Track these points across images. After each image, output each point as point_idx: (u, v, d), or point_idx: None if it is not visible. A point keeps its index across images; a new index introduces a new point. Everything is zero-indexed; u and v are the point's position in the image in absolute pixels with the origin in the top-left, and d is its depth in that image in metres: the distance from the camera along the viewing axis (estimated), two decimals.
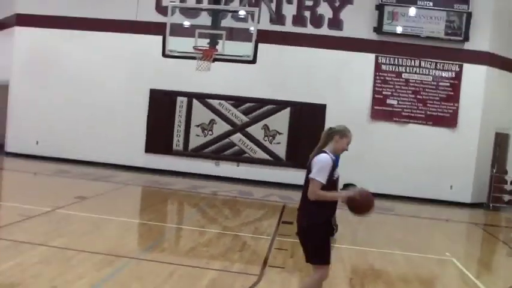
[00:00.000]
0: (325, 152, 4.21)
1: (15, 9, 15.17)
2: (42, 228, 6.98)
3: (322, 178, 4.09)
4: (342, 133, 4.27)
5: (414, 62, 13.80)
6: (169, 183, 13.01)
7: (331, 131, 4.28)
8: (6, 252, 5.67)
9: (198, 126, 14.48)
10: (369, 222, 10.01)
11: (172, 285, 5.17)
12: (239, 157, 14.37)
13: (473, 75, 13.67)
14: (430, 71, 13.76)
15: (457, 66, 13.72)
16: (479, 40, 13.57)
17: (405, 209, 12.41)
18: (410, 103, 13.83)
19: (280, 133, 14.20)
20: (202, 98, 14.38)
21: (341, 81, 13.95)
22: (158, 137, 14.52)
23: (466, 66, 13.70)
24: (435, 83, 13.76)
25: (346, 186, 4.51)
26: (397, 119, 13.89)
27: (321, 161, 4.14)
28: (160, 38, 10.94)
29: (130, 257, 6.10)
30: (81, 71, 14.73)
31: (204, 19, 12.43)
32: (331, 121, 13.67)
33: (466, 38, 13.53)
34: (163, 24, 10.95)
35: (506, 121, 14.40)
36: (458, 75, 13.69)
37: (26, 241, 6.21)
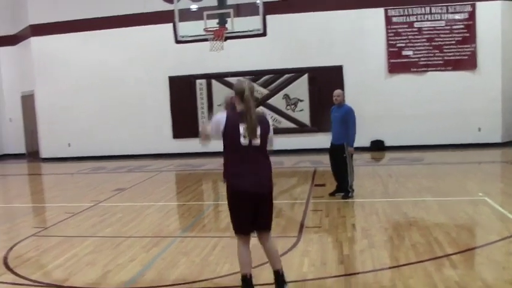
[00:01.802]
0: None
1: (28, 20, 15.65)
2: (89, 221, 7.42)
3: None
4: None
5: (424, 10, 13.63)
6: (201, 164, 13.37)
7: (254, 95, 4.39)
8: (61, 246, 6.10)
9: (220, 105, 14.73)
10: (398, 174, 10.18)
11: (217, 256, 5.49)
12: None
13: (488, 13, 13.42)
14: (442, 15, 13.57)
15: (469, 6, 13.48)
16: None
17: (435, 157, 12.43)
18: (426, 51, 13.72)
19: (301, 100, 14.34)
20: (221, 77, 14.60)
21: (354, 40, 13.93)
22: (184, 122, 14.89)
23: (479, 5, 13.45)
24: (449, 27, 13.58)
25: None
26: (415, 69, 13.82)
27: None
28: (170, 25, 11.16)
29: (174, 236, 6.46)
30: (99, 70, 15.16)
31: (210, 0, 12.53)
32: (349, 81, 13.78)
33: None
34: (172, 12, 11.16)
35: None
36: (472, 15, 13.47)
37: (77, 235, 6.67)
